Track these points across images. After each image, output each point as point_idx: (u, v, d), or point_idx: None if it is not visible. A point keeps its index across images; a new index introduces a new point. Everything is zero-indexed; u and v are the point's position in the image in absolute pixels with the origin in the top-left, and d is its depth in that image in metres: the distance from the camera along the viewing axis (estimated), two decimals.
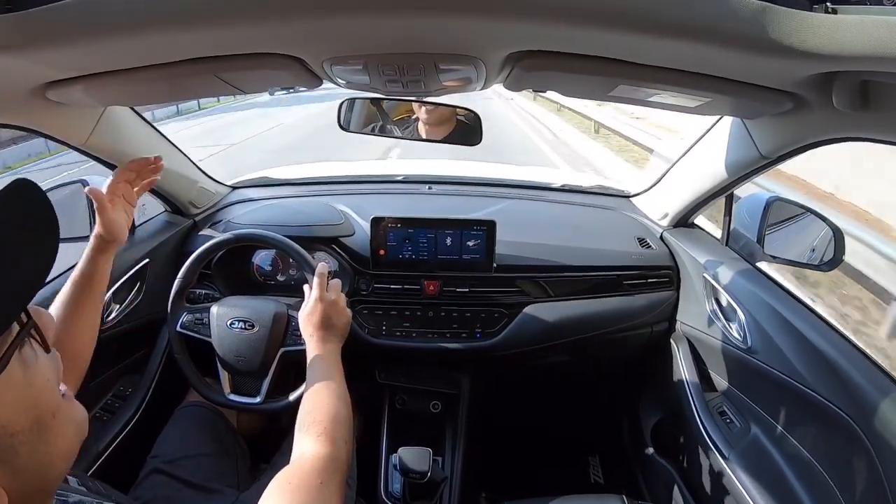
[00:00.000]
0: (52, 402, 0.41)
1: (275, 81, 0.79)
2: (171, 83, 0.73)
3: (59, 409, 0.42)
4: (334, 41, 0.60)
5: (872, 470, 0.73)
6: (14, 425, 0.38)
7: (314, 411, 0.72)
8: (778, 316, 0.95)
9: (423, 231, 1.21)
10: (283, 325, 1.05)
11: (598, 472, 1.62)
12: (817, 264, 1.01)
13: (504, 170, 2.00)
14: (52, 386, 0.42)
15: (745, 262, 1.12)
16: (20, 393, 0.38)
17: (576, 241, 1.31)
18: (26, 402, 0.39)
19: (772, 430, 0.98)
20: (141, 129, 1.14)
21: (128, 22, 0.51)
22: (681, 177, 1.25)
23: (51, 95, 0.74)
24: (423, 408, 1.33)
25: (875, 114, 0.61)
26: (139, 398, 1.17)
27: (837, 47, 0.46)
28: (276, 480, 0.58)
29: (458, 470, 1.23)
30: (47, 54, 0.58)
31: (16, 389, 0.38)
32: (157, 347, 1.26)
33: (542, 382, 1.62)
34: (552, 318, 1.23)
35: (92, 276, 0.80)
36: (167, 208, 1.36)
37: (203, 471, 0.98)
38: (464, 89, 0.78)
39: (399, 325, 1.23)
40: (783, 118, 0.78)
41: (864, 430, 0.75)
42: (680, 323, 1.27)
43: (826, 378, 0.83)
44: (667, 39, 0.51)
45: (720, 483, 1.01)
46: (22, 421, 0.38)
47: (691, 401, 1.13)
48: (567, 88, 0.79)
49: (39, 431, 0.40)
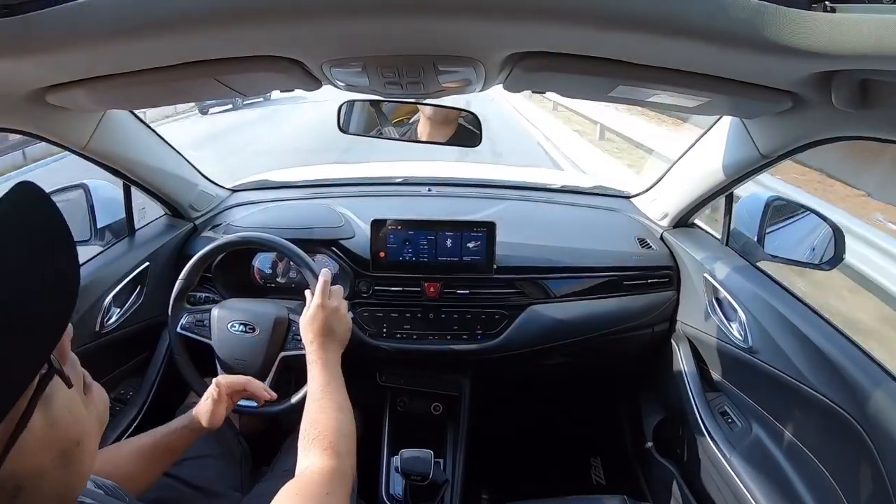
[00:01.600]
0: (76, 433, 0.39)
1: (274, 84, 0.79)
2: (170, 86, 0.73)
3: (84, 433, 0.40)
4: (334, 43, 0.60)
5: (874, 468, 0.73)
6: (39, 468, 0.36)
7: (318, 423, 0.72)
8: (778, 315, 0.95)
9: (424, 233, 1.21)
10: (283, 329, 1.05)
11: (600, 472, 1.62)
12: (817, 263, 1.01)
13: (504, 171, 2.00)
14: (75, 416, 0.39)
15: (746, 261, 1.12)
16: (43, 438, 0.36)
17: (576, 242, 1.31)
18: (50, 443, 0.36)
19: (773, 430, 0.98)
20: (141, 132, 1.14)
21: (127, 25, 0.51)
22: (681, 177, 1.25)
23: (50, 99, 0.74)
24: (424, 410, 1.32)
25: (874, 112, 0.61)
26: (140, 402, 1.17)
27: (836, 46, 0.47)
28: (283, 491, 0.58)
29: (460, 472, 1.23)
30: (46, 58, 0.58)
31: (38, 436, 0.35)
32: (158, 351, 1.25)
33: (543, 383, 1.61)
34: (553, 319, 1.23)
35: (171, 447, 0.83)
36: (167, 212, 1.36)
37: (205, 472, 0.98)
38: (463, 91, 0.78)
39: (400, 327, 1.23)
40: (782, 117, 0.78)
41: (865, 428, 0.75)
42: (680, 323, 1.27)
43: (827, 377, 0.83)
44: (665, 40, 0.51)
45: (722, 483, 1.00)
46: (45, 461, 0.36)
47: (692, 401, 1.13)
48: (566, 89, 0.79)
49: (65, 464, 0.38)
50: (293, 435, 1.08)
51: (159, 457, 0.82)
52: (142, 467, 0.79)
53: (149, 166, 1.17)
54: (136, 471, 0.77)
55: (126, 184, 1.19)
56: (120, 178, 1.16)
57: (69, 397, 0.39)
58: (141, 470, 0.78)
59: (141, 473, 0.78)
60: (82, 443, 0.39)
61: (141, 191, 1.22)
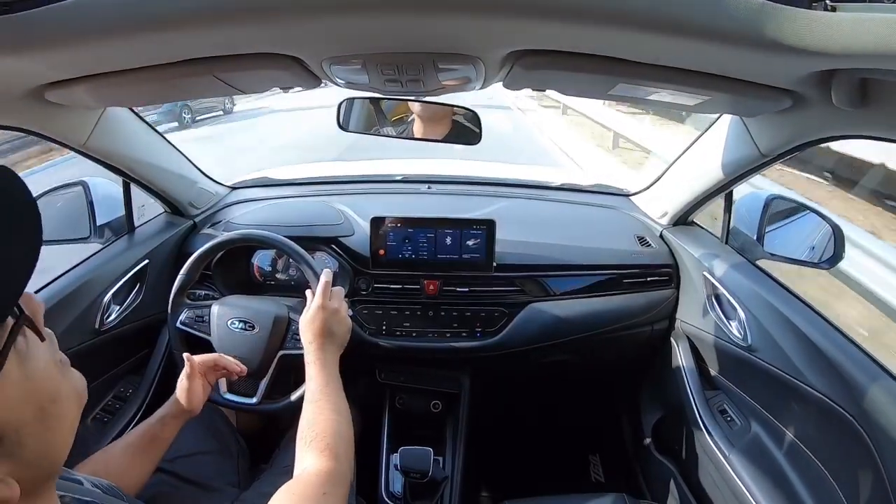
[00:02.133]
0: (51, 389, 0.41)
1: (274, 81, 0.79)
2: (169, 84, 0.72)
3: (60, 392, 0.42)
4: (333, 41, 0.60)
5: (873, 467, 0.73)
6: (17, 420, 0.38)
7: (315, 424, 0.72)
8: (778, 314, 0.95)
9: (423, 231, 1.21)
10: (283, 327, 1.05)
11: (599, 470, 1.63)
12: (817, 262, 1.02)
13: (503, 169, 2.00)
14: (49, 372, 0.42)
15: (745, 259, 1.12)
16: (20, 388, 0.38)
17: (576, 240, 1.31)
18: (27, 395, 0.39)
19: (772, 428, 0.98)
20: (140, 130, 1.14)
21: (126, 23, 0.51)
22: (680, 175, 1.25)
23: (49, 97, 0.74)
24: (423, 407, 1.33)
25: (874, 111, 0.61)
26: (140, 399, 1.17)
27: (836, 45, 0.47)
28: (280, 492, 0.59)
29: (459, 469, 1.24)
30: (46, 55, 0.58)
31: (15, 386, 0.38)
32: (158, 348, 1.26)
33: (543, 381, 1.62)
34: (552, 317, 1.23)
35: (156, 437, 0.84)
36: (166, 209, 1.36)
37: (203, 469, 0.98)
38: (463, 88, 0.77)
39: (399, 324, 1.23)
40: (782, 116, 0.78)
41: (864, 427, 0.75)
42: (680, 321, 1.27)
43: (826, 376, 0.83)
44: (666, 38, 0.51)
45: (721, 481, 1.01)
46: (25, 414, 0.38)
47: (692, 399, 1.13)
48: (566, 87, 0.79)
49: (43, 419, 0.40)
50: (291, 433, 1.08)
51: (147, 448, 0.82)
52: (133, 462, 0.80)
53: (148, 164, 1.17)
54: (128, 467, 0.78)
55: (125, 181, 1.19)
56: (119, 176, 1.16)
57: (44, 356, 0.41)
58: (132, 465, 0.79)
59: (133, 468, 0.79)
60: (59, 401, 0.42)
61: (140, 188, 1.22)
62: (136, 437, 0.82)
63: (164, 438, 0.85)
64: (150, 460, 0.83)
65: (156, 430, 0.83)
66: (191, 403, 0.87)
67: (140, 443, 0.82)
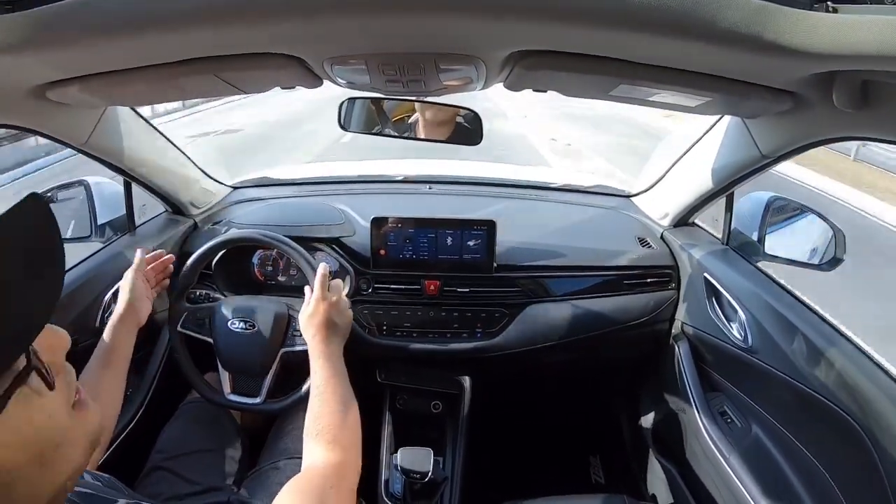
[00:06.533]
0: (55, 437, 0.38)
1: (275, 81, 0.79)
2: (171, 83, 0.72)
3: (66, 438, 0.39)
4: (335, 41, 0.60)
5: (874, 470, 0.73)
6: (10, 463, 0.35)
7: (321, 417, 0.72)
8: (778, 315, 0.95)
9: (424, 231, 1.21)
10: (283, 325, 1.05)
11: (599, 472, 1.62)
12: (818, 264, 1.02)
13: (504, 169, 2.00)
14: (56, 420, 0.39)
15: (746, 261, 1.12)
16: (18, 433, 0.36)
17: (576, 241, 1.31)
18: (25, 440, 0.36)
19: (773, 430, 0.98)
20: (141, 129, 1.14)
21: (128, 22, 0.51)
22: (681, 176, 1.25)
23: (51, 95, 0.74)
24: (423, 408, 1.33)
25: (875, 113, 0.61)
26: (140, 399, 1.17)
27: (838, 46, 0.47)
28: (287, 487, 0.59)
29: (459, 470, 1.23)
30: (47, 54, 0.58)
31: (13, 431, 0.35)
32: (158, 348, 1.25)
33: (543, 382, 1.61)
34: (553, 317, 1.23)
35: (112, 348, 0.85)
36: (167, 208, 1.36)
37: (203, 467, 0.98)
38: (464, 89, 0.77)
39: (399, 324, 1.23)
40: (784, 117, 0.78)
41: (865, 430, 0.75)
42: (680, 323, 1.27)
43: (827, 377, 0.83)
44: (667, 39, 0.51)
45: (721, 483, 1.01)
46: (20, 458, 0.36)
47: (692, 401, 1.13)
48: (568, 88, 0.79)
49: (42, 464, 0.37)
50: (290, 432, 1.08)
51: (108, 361, 0.84)
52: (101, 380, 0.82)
53: (150, 163, 1.17)
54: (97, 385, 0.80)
55: (126, 180, 1.19)
56: (120, 175, 1.16)
57: (52, 401, 0.38)
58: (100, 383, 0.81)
59: (102, 385, 0.81)
60: (62, 447, 0.39)
61: (141, 187, 1.22)
62: (94, 357, 0.85)
63: (121, 347, 0.87)
64: (115, 374, 0.85)
65: (110, 342, 0.86)
66: (134, 301, 0.91)
67: (102, 359, 0.84)
